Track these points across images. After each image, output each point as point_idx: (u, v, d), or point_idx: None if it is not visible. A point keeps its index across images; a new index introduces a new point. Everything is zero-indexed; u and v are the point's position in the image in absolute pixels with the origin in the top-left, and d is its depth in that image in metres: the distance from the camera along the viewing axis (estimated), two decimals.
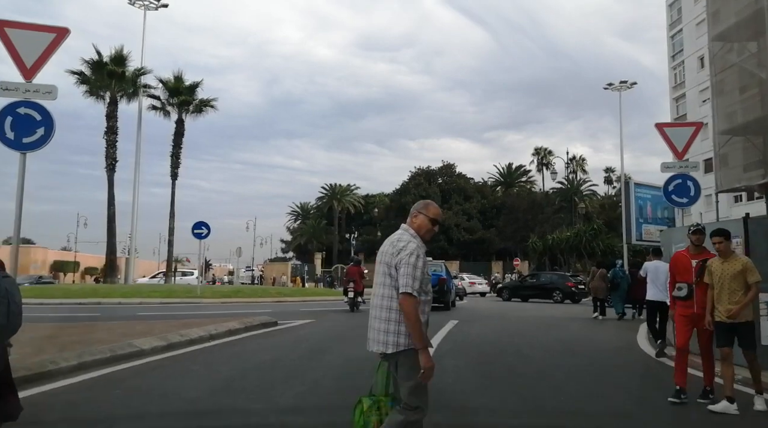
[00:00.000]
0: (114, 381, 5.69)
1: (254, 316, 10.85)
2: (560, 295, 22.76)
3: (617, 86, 32.64)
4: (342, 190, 73.57)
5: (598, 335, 10.42)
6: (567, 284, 23.18)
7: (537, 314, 15.43)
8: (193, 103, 28.92)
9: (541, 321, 13.46)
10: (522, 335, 10.06)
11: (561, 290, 22.98)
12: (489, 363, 7.09)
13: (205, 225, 18.09)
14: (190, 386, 5.48)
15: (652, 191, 27.82)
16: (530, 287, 24.67)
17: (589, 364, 7.14)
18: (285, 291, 20.38)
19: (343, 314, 13.97)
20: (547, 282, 24.16)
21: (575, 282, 23.63)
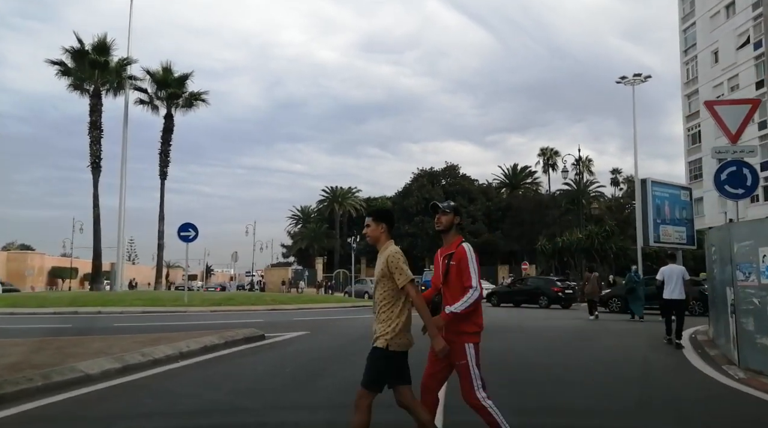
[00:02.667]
0: (28, 421, 4.29)
1: (238, 329, 9.42)
2: (546, 300, 22.50)
3: (630, 80, 31.18)
4: (343, 193, 72.21)
5: (638, 351, 8.94)
6: (553, 289, 22.83)
7: (555, 324, 13.97)
8: (182, 97, 27.40)
9: (564, 332, 11.99)
10: (551, 352, 8.59)
11: (547, 295, 22.66)
12: (524, 392, 5.64)
13: (192, 227, 16.72)
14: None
15: (669, 190, 26.31)
16: (518, 292, 24.32)
17: (654, 396, 5.68)
18: (281, 298, 18.96)
19: (342, 325, 12.55)
20: (534, 287, 23.87)
21: (561, 287, 23.08)
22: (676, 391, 5.81)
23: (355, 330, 11.08)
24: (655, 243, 25.91)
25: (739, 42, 37.62)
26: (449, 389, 5.13)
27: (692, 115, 42.57)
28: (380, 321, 3.16)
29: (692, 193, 31.20)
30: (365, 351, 3.15)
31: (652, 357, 8.05)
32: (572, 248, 31.88)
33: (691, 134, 42.80)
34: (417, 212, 55.17)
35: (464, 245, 3.47)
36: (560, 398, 5.36)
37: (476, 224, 54.02)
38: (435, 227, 3.73)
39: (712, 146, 39.36)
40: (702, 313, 18.53)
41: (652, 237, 25.32)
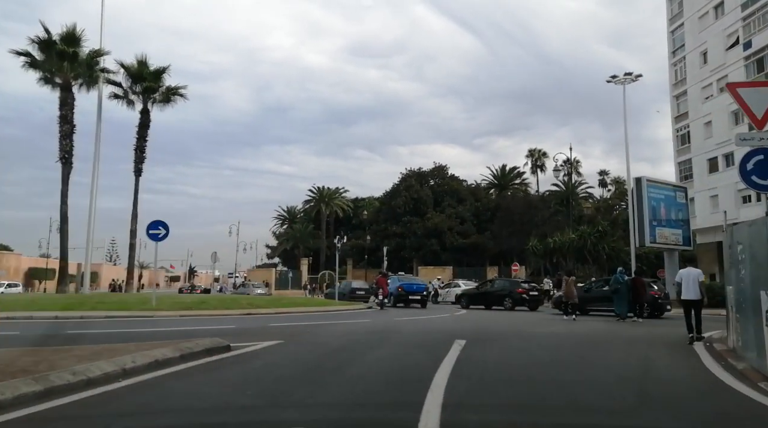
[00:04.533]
0: None
1: (200, 338, 8.26)
2: (510, 302, 22.25)
3: (621, 79, 30.58)
4: (330, 193, 70.98)
5: (658, 365, 7.95)
6: (517, 291, 22.65)
7: (552, 330, 13.00)
8: (159, 91, 26.02)
9: (566, 338, 11.04)
10: (557, 364, 7.57)
11: (511, 297, 22.43)
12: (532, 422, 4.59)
13: (162, 225, 15.46)
14: None
15: (665, 191, 25.71)
16: (486, 294, 23.90)
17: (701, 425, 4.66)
18: (258, 302, 17.76)
19: (320, 333, 11.43)
20: (500, 289, 23.67)
21: (526, 289, 22.91)
22: (722, 420, 4.80)
23: (334, 339, 9.97)
24: (651, 243, 25.32)
25: (728, 42, 37.27)
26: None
27: (681, 116, 42.19)
28: None
29: (687, 192, 30.77)
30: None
31: (678, 375, 7.06)
32: (564, 249, 31.07)
33: (680, 134, 42.40)
34: (405, 213, 54.19)
35: None
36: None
37: (465, 225, 53.18)
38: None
39: (701, 146, 38.84)
40: (648, 316, 17.96)
41: (648, 237, 24.72)
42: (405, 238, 52.92)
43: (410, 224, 53.06)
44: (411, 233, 52.78)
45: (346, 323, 13.83)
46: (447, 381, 5.77)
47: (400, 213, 54.23)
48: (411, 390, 5.29)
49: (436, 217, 53.04)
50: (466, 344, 8.89)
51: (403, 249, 52.91)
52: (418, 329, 12.23)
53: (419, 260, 52.54)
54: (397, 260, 54.69)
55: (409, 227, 53.00)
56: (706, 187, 38.40)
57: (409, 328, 12.47)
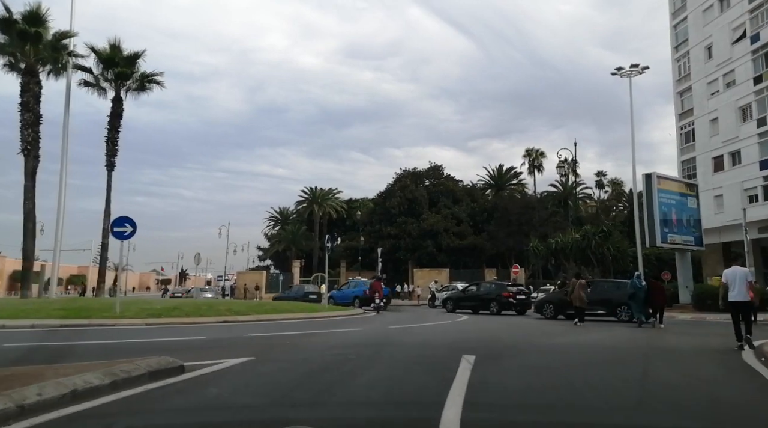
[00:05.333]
0: None
1: (146, 357, 6.59)
2: (496, 306, 21.61)
3: (626, 71, 29.14)
4: (323, 194, 69.25)
5: (718, 384, 6.38)
6: (503, 295, 21.91)
7: (571, 340, 11.42)
8: (133, 78, 24.11)
9: (592, 351, 9.48)
10: (598, 390, 5.94)
11: (497, 301, 21.72)
12: None
13: (128, 222, 13.77)
14: None
15: (676, 196, 24.13)
16: (472, 297, 23.10)
17: None
18: (238, 308, 16.06)
19: (303, 345, 9.78)
20: (485, 292, 22.95)
21: (513, 292, 22.00)
22: None
23: (317, 354, 8.31)
24: (662, 244, 23.85)
25: (734, 36, 36.04)
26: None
27: (685, 113, 40.91)
28: None
29: (698, 190, 29.35)
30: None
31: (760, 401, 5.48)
32: (566, 250, 29.58)
33: (684, 132, 41.11)
34: (400, 213, 52.58)
35: None
36: None
37: (461, 226, 51.64)
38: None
39: (706, 144, 37.50)
40: (629, 320, 17.06)
41: (659, 237, 23.22)
42: (400, 239, 51.29)
43: (405, 225, 51.45)
44: (406, 234, 51.16)
45: (335, 332, 12.19)
46: (461, 418, 4.19)
47: (395, 214, 52.61)
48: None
49: (432, 218, 51.48)
50: (476, 360, 7.28)
51: (397, 251, 51.28)
52: (418, 340, 10.61)
53: (414, 262, 50.93)
54: (391, 261, 53.07)
55: (404, 228, 51.38)
56: (710, 186, 37.08)
57: (407, 339, 10.86)
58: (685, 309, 21.75)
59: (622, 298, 17.27)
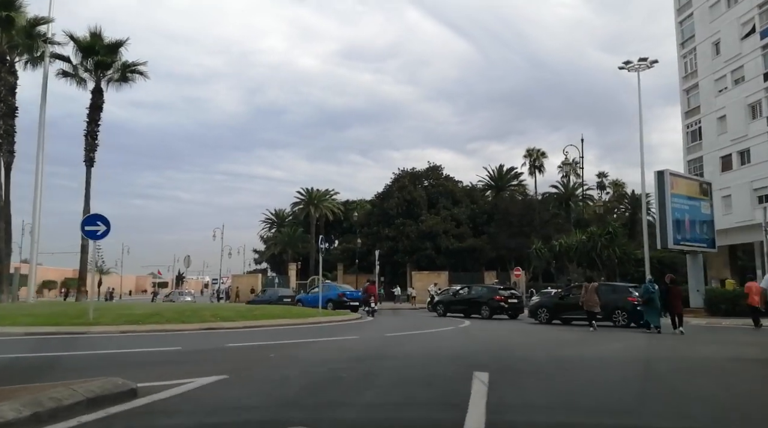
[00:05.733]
0: None
1: (86, 380, 5.41)
2: (488, 310, 20.98)
3: (635, 65, 28.06)
4: (319, 195, 68.04)
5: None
6: (494, 298, 21.26)
7: (594, 351, 10.24)
8: (113, 67, 22.78)
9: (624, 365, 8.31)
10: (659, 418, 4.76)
11: (488, 305, 21.10)
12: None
13: (101, 220, 12.59)
14: None
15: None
16: (463, 301, 22.47)
17: None
18: (226, 313, 14.84)
19: (288, 359, 8.60)
20: (476, 296, 22.30)
21: (504, 296, 21.41)
22: None
23: (302, 370, 7.12)
24: (675, 245, 22.70)
25: (743, 31, 35.03)
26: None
27: (692, 110, 39.87)
28: None
29: (711, 189, 28.15)
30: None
31: None
32: (570, 252, 28.43)
33: (690, 131, 40.08)
34: (398, 214, 51.39)
35: None
36: None
37: (461, 228, 50.47)
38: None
39: (714, 142, 36.40)
40: (626, 324, 16.29)
41: (672, 238, 22.06)
42: (398, 241, 50.09)
43: (403, 227, 50.26)
44: (404, 236, 49.97)
45: (327, 341, 11.01)
46: None
47: (393, 215, 51.42)
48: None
49: (431, 219, 50.30)
50: (491, 379, 6.10)
51: (395, 253, 50.09)
52: (420, 352, 9.40)
53: (413, 265, 49.73)
54: (389, 264, 51.88)
55: (402, 229, 50.20)
56: (718, 187, 35.87)
57: (408, 349, 9.67)
58: (697, 314, 20.62)
59: (619, 302, 16.67)
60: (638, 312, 16.14)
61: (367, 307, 20.34)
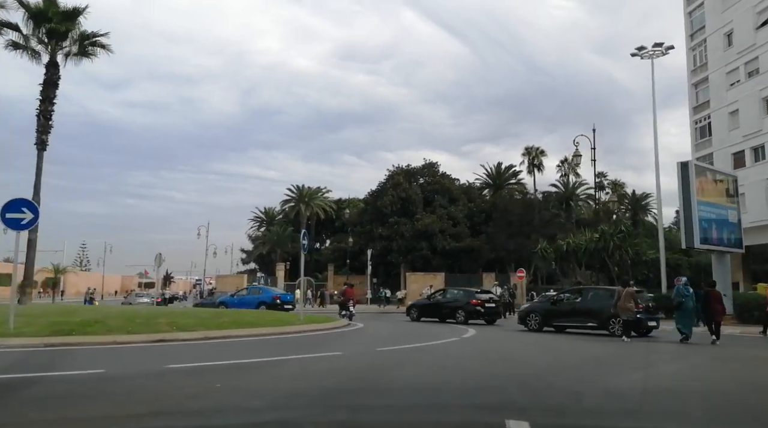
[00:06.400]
0: None
1: None
2: (463, 315, 19.98)
3: (648, 52, 25.99)
4: (311, 193, 65.57)
5: None
6: (470, 303, 20.17)
7: (656, 380, 7.95)
8: (70, 38, 20.04)
9: (710, 397, 6.01)
10: None
11: (464, 310, 20.10)
12: None
13: (28, 206, 10.20)
14: None
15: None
16: (437, 305, 21.44)
17: None
18: (185, 320, 12.43)
19: (238, 391, 6.26)
20: (452, 300, 21.33)
21: (481, 300, 20.33)
22: None
23: (242, 421, 4.77)
24: (701, 245, 20.58)
25: (758, 20, 33.09)
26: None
27: (701, 106, 37.92)
28: None
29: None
30: None
31: None
32: (579, 253, 26.25)
33: (699, 126, 38.10)
34: (392, 213, 49.03)
35: None
36: None
37: (458, 227, 48.22)
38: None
39: (725, 138, 34.21)
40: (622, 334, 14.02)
41: (698, 237, 19.92)
42: (392, 241, 47.75)
43: (398, 226, 47.92)
44: (398, 235, 47.63)
45: (301, 361, 8.68)
46: None
47: (387, 214, 49.05)
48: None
49: (427, 218, 47.98)
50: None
51: (389, 253, 47.74)
52: (423, 381, 6.93)
53: (407, 266, 47.40)
54: (382, 265, 49.54)
55: (397, 228, 47.86)
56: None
57: (406, 376, 7.31)
58: (726, 321, 18.47)
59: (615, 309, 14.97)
60: (638, 320, 14.59)
61: (344, 311, 19.68)
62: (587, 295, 16.33)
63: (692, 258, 39.36)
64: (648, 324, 14.89)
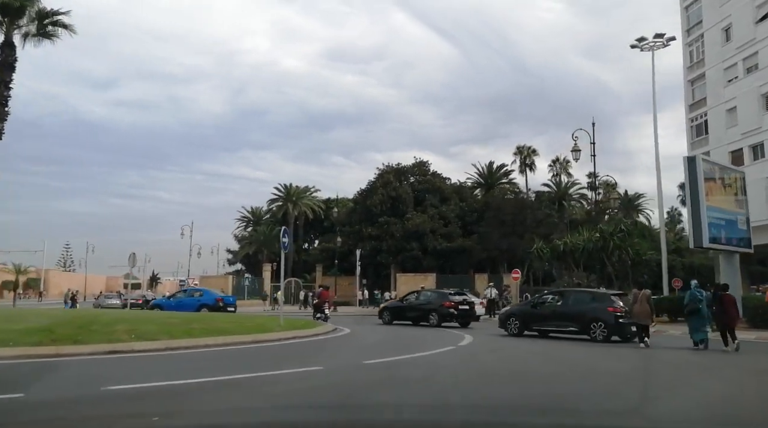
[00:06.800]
0: None
1: None
2: (436, 317, 19.44)
3: (649, 43, 24.96)
4: (298, 192, 64.00)
5: None
6: (444, 305, 19.68)
7: (722, 407, 6.66)
8: (27, 15, 18.40)
9: None
10: None
11: (437, 312, 19.55)
12: None
13: None
14: None
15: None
16: (410, 308, 20.88)
17: None
18: (147, 327, 10.98)
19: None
20: (425, 302, 20.73)
21: (455, 302, 19.82)
22: None
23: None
24: (711, 244, 19.51)
25: (758, 14, 32.31)
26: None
27: (697, 103, 37.09)
28: None
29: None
30: None
31: None
32: (576, 253, 25.12)
33: (695, 124, 37.28)
34: (382, 212, 47.68)
35: None
36: None
37: (449, 227, 47.01)
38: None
39: (722, 136, 33.30)
40: (606, 338, 13.25)
41: (707, 235, 18.84)
42: (381, 241, 46.40)
43: (388, 226, 46.59)
44: (388, 235, 46.30)
45: (271, 379, 7.28)
46: None
47: (377, 213, 47.69)
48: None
49: (417, 217, 46.71)
50: None
51: (379, 253, 46.38)
52: (421, 402, 5.66)
53: (397, 266, 46.09)
54: (372, 266, 48.16)
55: (387, 228, 46.52)
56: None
57: (403, 402, 5.94)
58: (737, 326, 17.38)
59: (598, 312, 14.32)
60: (620, 325, 13.90)
61: (319, 314, 19.63)
62: (569, 298, 15.74)
63: (686, 259, 38.52)
64: (631, 329, 14.12)
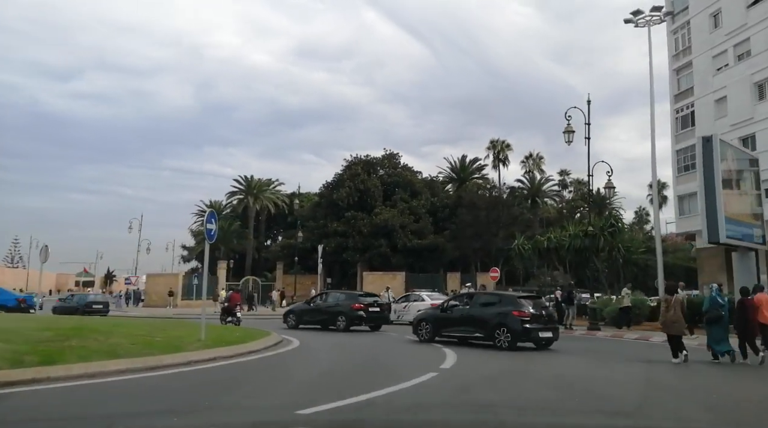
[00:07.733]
0: None
1: None
2: (344, 321, 18.49)
3: (644, 17, 22.50)
4: (260, 185, 59.95)
5: None
6: (353, 307, 18.69)
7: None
8: None
9: None
10: None
11: (346, 315, 18.57)
12: None
13: None
14: None
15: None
16: (316, 311, 19.63)
17: None
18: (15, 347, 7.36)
19: None
20: (333, 304, 19.61)
21: (364, 304, 18.87)
22: None
23: None
24: (727, 239, 17.04)
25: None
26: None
27: (682, 94, 35.20)
28: None
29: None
30: None
31: None
32: (562, 250, 22.50)
33: (680, 116, 35.42)
34: (348, 206, 44.37)
35: None
36: None
37: (420, 223, 44.09)
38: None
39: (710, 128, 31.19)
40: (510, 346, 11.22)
41: (723, 230, 16.36)
42: (348, 237, 43.10)
43: (355, 221, 43.33)
44: (355, 231, 43.04)
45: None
46: None
47: (343, 207, 44.37)
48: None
49: (386, 212, 43.63)
50: None
51: (345, 250, 43.07)
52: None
53: (364, 264, 42.87)
54: (337, 263, 44.84)
55: (354, 223, 43.26)
56: None
57: None
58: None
59: (503, 318, 12.91)
60: (527, 331, 12.45)
61: (230, 317, 18.83)
62: (476, 302, 14.43)
63: (663, 258, 36.81)
64: (540, 335, 12.58)
